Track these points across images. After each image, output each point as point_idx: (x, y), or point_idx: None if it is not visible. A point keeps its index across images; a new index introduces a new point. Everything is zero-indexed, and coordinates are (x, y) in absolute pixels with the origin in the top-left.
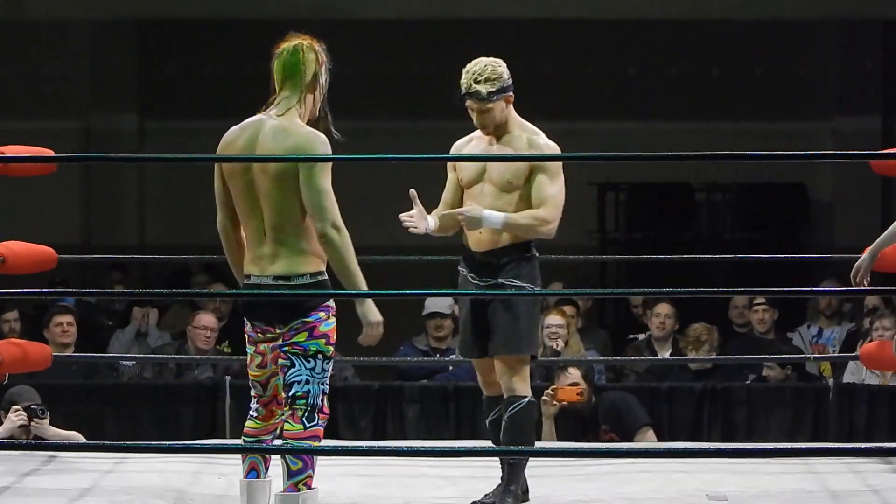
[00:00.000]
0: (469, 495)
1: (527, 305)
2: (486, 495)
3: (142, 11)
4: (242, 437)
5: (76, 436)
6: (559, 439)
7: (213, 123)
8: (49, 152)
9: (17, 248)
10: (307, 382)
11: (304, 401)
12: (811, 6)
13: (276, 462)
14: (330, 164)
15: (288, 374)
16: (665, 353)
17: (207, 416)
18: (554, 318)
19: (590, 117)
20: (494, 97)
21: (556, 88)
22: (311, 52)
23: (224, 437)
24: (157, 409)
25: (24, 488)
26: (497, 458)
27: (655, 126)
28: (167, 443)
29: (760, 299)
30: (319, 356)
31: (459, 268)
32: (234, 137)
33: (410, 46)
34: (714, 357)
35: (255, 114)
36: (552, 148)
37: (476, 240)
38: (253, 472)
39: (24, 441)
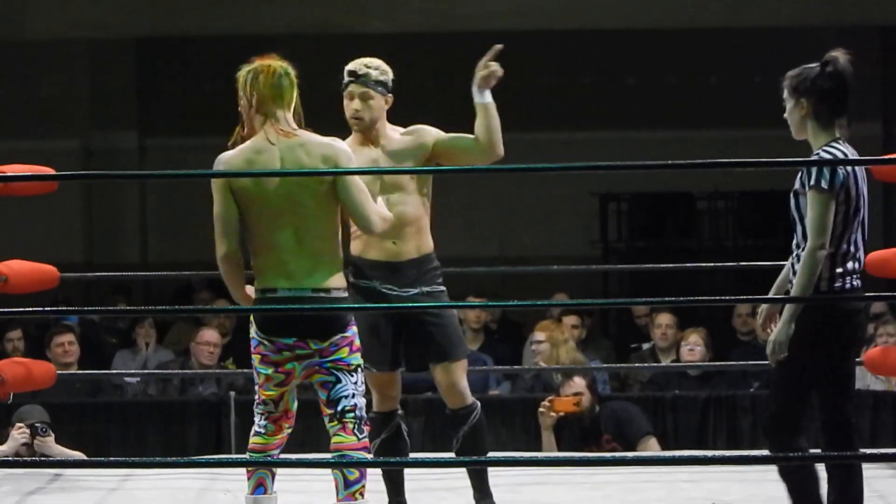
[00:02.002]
0: None
1: (452, 311)
2: None
3: (140, 30)
4: (248, 453)
5: (79, 456)
6: (561, 449)
7: (212, 140)
8: (50, 171)
9: (19, 267)
10: (353, 396)
11: (353, 413)
12: (809, 13)
13: (280, 477)
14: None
15: (334, 390)
16: (668, 363)
17: (212, 433)
18: (537, 335)
19: (590, 127)
20: (380, 88)
21: (556, 99)
22: (292, 74)
23: (229, 454)
24: (161, 426)
25: None
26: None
27: (656, 135)
28: (171, 458)
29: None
30: (359, 370)
31: (361, 282)
32: (249, 160)
33: (408, 61)
34: (715, 363)
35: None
36: (424, 127)
37: (391, 251)
38: (260, 488)
39: (28, 458)
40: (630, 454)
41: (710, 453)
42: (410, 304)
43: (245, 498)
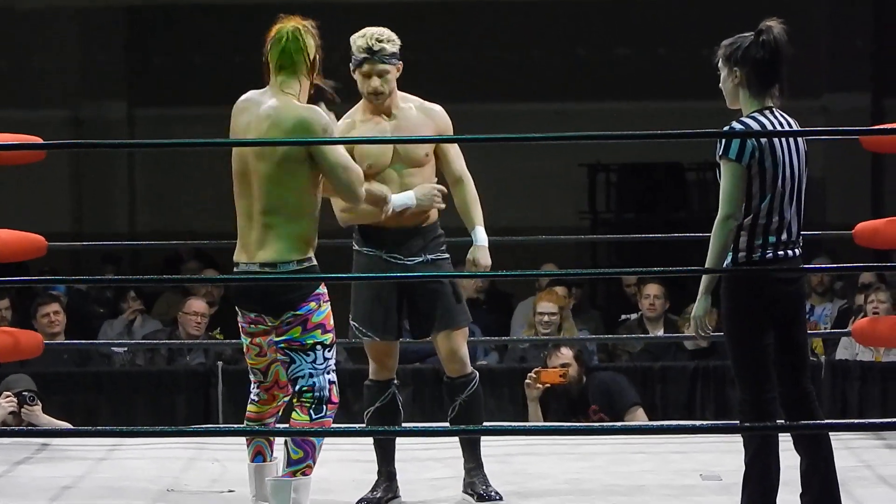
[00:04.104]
0: (461, 475)
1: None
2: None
3: None
4: (245, 422)
5: (67, 426)
6: (547, 420)
7: (201, 110)
8: (38, 140)
9: (6, 237)
10: (311, 376)
11: (311, 394)
12: None
13: (279, 444)
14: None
15: (290, 369)
16: (657, 334)
17: (200, 403)
18: (546, 305)
19: (580, 98)
20: (393, 60)
21: (547, 70)
22: (309, 36)
23: (218, 423)
24: (150, 396)
25: (16, 477)
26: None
27: (646, 106)
28: (159, 427)
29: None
30: (318, 347)
31: (365, 249)
32: (240, 110)
33: (402, 29)
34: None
35: None
36: (442, 111)
37: (399, 218)
38: (259, 456)
39: (15, 428)
40: (619, 424)
41: (698, 423)
42: (396, 275)
43: (247, 466)
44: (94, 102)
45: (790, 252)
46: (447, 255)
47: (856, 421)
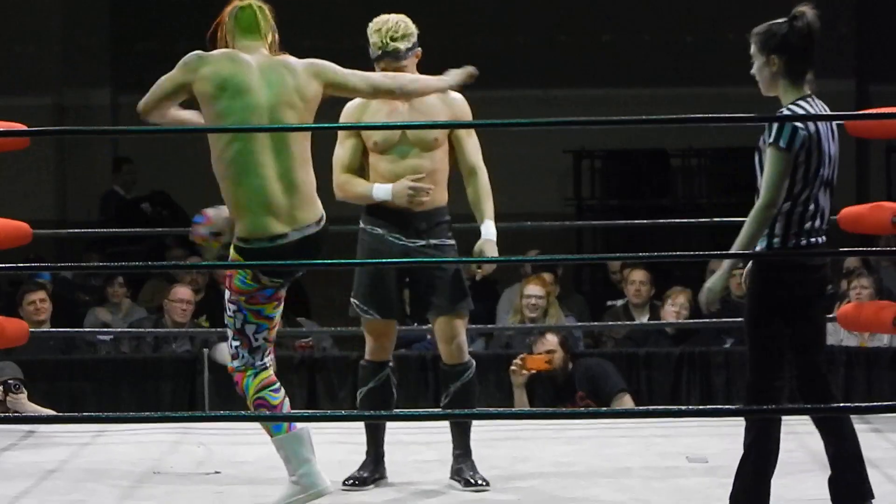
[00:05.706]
0: (448, 459)
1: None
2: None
3: None
4: (263, 392)
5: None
6: (534, 406)
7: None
8: (22, 127)
9: None
10: None
11: None
12: None
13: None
14: None
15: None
16: (642, 320)
17: (186, 390)
18: (533, 289)
19: (565, 84)
20: (409, 54)
21: (532, 56)
22: (268, 11)
23: (203, 411)
24: (135, 383)
25: (1, 463)
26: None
27: (631, 92)
28: (144, 413)
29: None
30: None
31: (368, 227)
32: (228, 65)
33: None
34: (689, 321)
35: None
36: (462, 100)
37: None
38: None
39: (2, 415)
40: (605, 409)
41: (683, 407)
42: (388, 260)
43: (298, 432)
44: (77, 89)
45: (820, 239)
46: (452, 242)
47: (842, 405)
